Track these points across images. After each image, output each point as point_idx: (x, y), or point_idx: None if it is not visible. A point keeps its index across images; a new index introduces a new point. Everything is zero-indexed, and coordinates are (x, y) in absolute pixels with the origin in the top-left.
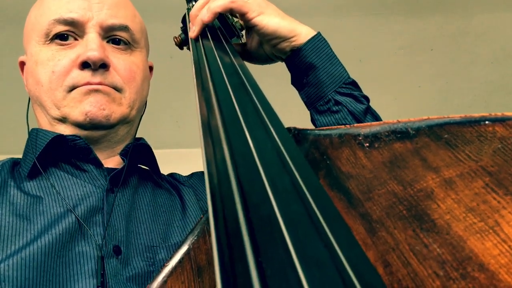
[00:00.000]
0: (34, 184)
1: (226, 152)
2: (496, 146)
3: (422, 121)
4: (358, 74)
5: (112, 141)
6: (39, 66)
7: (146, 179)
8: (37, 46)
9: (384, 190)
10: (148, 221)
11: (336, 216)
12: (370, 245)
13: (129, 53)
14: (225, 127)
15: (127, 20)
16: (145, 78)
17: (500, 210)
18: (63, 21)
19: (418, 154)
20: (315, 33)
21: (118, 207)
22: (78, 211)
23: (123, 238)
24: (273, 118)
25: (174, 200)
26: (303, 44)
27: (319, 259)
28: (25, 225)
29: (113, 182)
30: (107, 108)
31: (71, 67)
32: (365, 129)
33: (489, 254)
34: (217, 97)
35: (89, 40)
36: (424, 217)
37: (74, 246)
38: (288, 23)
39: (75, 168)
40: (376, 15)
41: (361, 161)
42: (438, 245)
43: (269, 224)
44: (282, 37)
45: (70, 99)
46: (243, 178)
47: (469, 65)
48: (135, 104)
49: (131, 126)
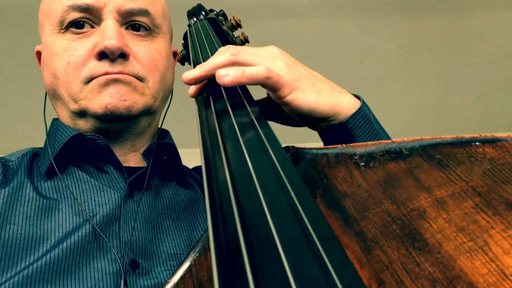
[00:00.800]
0: (52, 184)
1: (227, 172)
2: (485, 167)
3: (416, 141)
4: (358, 74)
5: (133, 134)
6: (54, 57)
7: (169, 178)
8: (52, 35)
9: (378, 209)
10: (171, 227)
11: (331, 237)
12: (365, 263)
13: (150, 40)
14: (224, 147)
15: (146, 4)
16: (168, 66)
17: (489, 230)
18: (78, 7)
19: (412, 174)
20: (357, 105)
21: (137, 214)
22: (95, 220)
23: (142, 249)
24: (271, 138)
25: (198, 201)
26: (344, 121)
27: (314, 279)
28: (39, 236)
29: (133, 186)
30: (129, 99)
31: (88, 58)
32: (360, 149)
33: (478, 273)
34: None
35: (106, 27)
36: (417, 236)
37: (90, 260)
38: (326, 100)
39: (95, 168)
40: (376, 15)
41: (357, 180)
42: (430, 264)
43: (267, 244)
44: (319, 118)
45: (87, 91)
46: (243, 198)
47: (469, 65)
48: (159, 94)
49: (154, 117)
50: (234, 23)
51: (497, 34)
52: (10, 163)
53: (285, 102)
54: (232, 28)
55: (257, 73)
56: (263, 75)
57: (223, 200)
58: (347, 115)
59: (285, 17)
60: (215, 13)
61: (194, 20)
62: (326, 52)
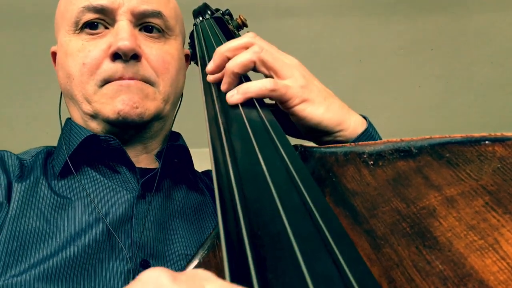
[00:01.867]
0: (65, 183)
1: (235, 169)
2: (495, 166)
3: (425, 140)
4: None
5: (145, 137)
6: (69, 57)
7: (180, 181)
8: (67, 36)
9: (388, 207)
10: (182, 229)
11: (343, 233)
12: (375, 261)
13: (163, 42)
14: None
15: (160, 6)
16: (180, 68)
17: (500, 228)
18: (93, 8)
19: (421, 172)
20: (364, 126)
21: (149, 214)
22: (108, 219)
23: (153, 249)
24: (281, 136)
25: (208, 205)
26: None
27: (328, 275)
28: (52, 232)
29: (145, 187)
30: (140, 106)
31: (102, 59)
32: (369, 148)
33: (488, 271)
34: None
35: (119, 28)
36: (427, 234)
37: (102, 259)
38: (334, 115)
39: (108, 168)
40: (376, 15)
41: (366, 179)
42: (440, 262)
43: (278, 241)
44: (325, 132)
45: (101, 94)
46: (253, 195)
47: (469, 65)
48: (170, 98)
49: (165, 121)
50: (240, 22)
51: (497, 34)
52: (25, 161)
53: (293, 112)
54: (238, 27)
55: (263, 86)
56: (268, 89)
57: (233, 197)
58: (354, 133)
59: (285, 17)
60: (221, 12)
61: (200, 19)
62: (326, 52)
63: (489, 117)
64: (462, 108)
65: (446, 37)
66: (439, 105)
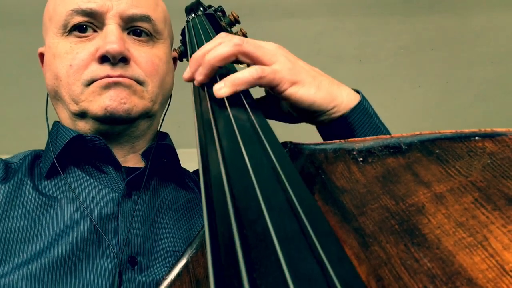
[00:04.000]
0: (52, 183)
1: (222, 167)
2: (485, 162)
3: (415, 136)
4: (358, 74)
5: (132, 136)
6: (56, 59)
7: (168, 179)
8: (55, 38)
9: (377, 204)
10: (170, 226)
11: (328, 233)
12: (363, 259)
13: (151, 45)
14: (220, 142)
15: (148, 10)
16: (168, 71)
17: (489, 225)
18: (82, 12)
19: (410, 169)
20: (357, 99)
21: (136, 212)
22: (93, 216)
23: (140, 246)
24: (269, 133)
25: (197, 202)
26: (344, 115)
27: (311, 275)
28: (37, 230)
29: (131, 186)
30: (128, 102)
31: (90, 61)
32: (359, 144)
33: (477, 268)
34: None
35: (108, 32)
36: (415, 231)
37: (89, 256)
38: (326, 93)
39: (95, 168)
40: (376, 15)
41: (355, 176)
42: (429, 260)
43: (263, 240)
44: (319, 111)
45: (88, 93)
46: (239, 194)
47: (469, 65)
48: (158, 98)
49: (153, 120)
50: (232, 18)
51: (497, 34)
52: (12, 164)
53: (284, 96)
54: (231, 24)
55: (250, 76)
56: (255, 77)
57: (219, 195)
58: (347, 108)
59: (285, 17)
60: (213, 9)
61: (192, 16)
62: (326, 52)
63: (489, 117)
64: (462, 108)
65: (446, 37)
66: (439, 105)
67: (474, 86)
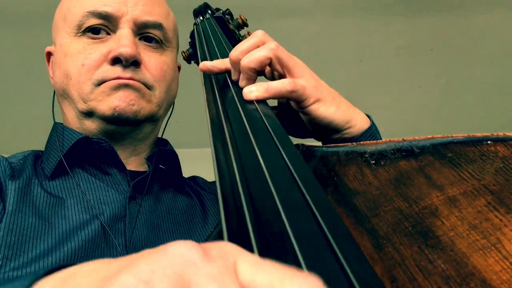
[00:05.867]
0: (57, 184)
1: (237, 169)
2: (498, 166)
3: (427, 140)
4: (358, 74)
5: (136, 139)
6: (68, 58)
7: (167, 184)
8: (68, 37)
9: (390, 207)
10: (170, 230)
11: (346, 233)
12: (377, 260)
13: (160, 52)
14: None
15: (161, 18)
16: (174, 78)
17: (502, 228)
18: (97, 14)
19: (423, 172)
20: (368, 123)
21: (140, 215)
22: (103, 217)
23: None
24: (282, 135)
25: (195, 207)
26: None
27: (330, 275)
28: (47, 228)
29: (135, 189)
30: (136, 104)
31: (102, 62)
32: (371, 147)
33: (491, 270)
34: (227, 114)
35: (121, 35)
36: (429, 233)
37: (97, 256)
38: (344, 113)
39: (99, 170)
40: (376, 15)
41: (367, 178)
42: (443, 261)
43: (281, 240)
44: (335, 129)
45: (98, 93)
46: (255, 194)
47: (469, 65)
48: (163, 104)
49: (156, 125)
50: (240, 22)
51: (497, 34)
52: (13, 164)
53: (306, 111)
54: (239, 27)
55: (283, 87)
56: (288, 89)
57: (235, 196)
58: (360, 130)
59: (285, 17)
60: (221, 12)
61: (200, 18)
62: (326, 52)
63: (489, 117)
64: (462, 108)
65: (446, 37)
66: (439, 105)
67: (474, 86)
